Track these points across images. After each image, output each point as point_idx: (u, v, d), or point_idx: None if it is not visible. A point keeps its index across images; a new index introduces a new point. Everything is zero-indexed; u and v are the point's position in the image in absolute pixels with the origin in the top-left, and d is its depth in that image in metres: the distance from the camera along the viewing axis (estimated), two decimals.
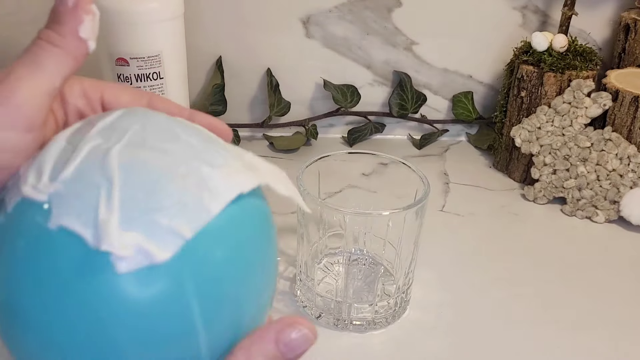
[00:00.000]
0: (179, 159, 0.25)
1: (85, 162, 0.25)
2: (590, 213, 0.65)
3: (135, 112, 0.27)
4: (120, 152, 0.25)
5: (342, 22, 0.73)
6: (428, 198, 0.47)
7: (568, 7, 0.68)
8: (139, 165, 0.24)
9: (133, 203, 0.23)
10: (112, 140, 0.25)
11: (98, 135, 0.25)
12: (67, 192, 0.24)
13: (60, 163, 0.25)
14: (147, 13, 0.54)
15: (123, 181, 0.24)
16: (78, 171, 0.24)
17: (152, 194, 0.24)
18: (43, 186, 0.24)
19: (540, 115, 0.66)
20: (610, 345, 0.50)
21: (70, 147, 0.25)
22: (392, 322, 0.51)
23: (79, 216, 0.23)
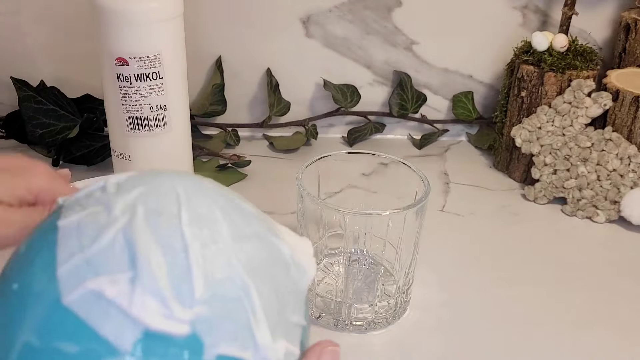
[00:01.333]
0: (266, 241, 0.24)
1: (213, 271, 0.21)
2: (590, 213, 0.65)
3: (190, 186, 0.24)
4: (235, 251, 0.22)
5: (342, 22, 0.73)
6: (428, 198, 0.47)
7: (568, 6, 0.68)
8: (255, 259, 0.23)
9: (269, 307, 0.22)
10: (212, 234, 0.22)
11: (189, 227, 0.22)
12: (212, 314, 0.21)
13: (177, 277, 0.21)
14: (147, 13, 0.54)
15: (255, 284, 0.22)
16: (211, 285, 0.21)
17: (276, 291, 0.23)
18: (179, 312, 0.20)
19: (540, 115, 0.66)
20: (611, 345, 0.50)
21: (170, 249, 0.21)
22: (392, 322, 0.51)
23: (236, 339, 0.21)
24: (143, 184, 0.24)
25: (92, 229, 0.22)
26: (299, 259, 0.25)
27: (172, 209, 0.23)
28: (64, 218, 0.23)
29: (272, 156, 0.73)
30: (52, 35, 0.70)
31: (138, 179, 0.25)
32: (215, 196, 0.24)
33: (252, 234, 0.24)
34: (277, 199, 0.64)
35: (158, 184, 0.24)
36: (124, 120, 0.57)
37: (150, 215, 0.22)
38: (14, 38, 0.70)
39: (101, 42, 0.55)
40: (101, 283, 0.20)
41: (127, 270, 0.21)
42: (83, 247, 0.21)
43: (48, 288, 0.21)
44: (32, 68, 0.71)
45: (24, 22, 0.69)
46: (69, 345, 0.20)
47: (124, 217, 0.22)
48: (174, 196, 0.23)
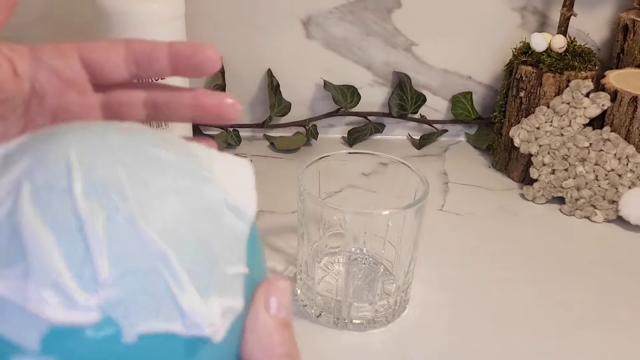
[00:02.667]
0: (188, 192, 0.21)
1: (120, 246, 0.19)
2: (589, 213, 0.65)
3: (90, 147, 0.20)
4: (145, 216, 0.19)
5: (342, 23, 0.73)
6: (427, 198, 0.48)
7: (567, 7, 0.68)
8: (171, 220, 0.20)
9: (196, 268, 0.20)
10: (115, 203, 0.19)
11: (84, 200, 0.19)
12: (124, 293, 0.19)
13: (76, 261, 0.18)
14: (148, 14, 0.54)
15: (174, 249, 0.19)
16: (118, 263, 0.19)
17: (204, 247, 0.20)
18: (83, 299, 0.18)
19: (539, 115, 0.66)
20: (610, 345, 0.50)
21: (63, 230, 0.19)
22: (391, 321, 0.51)
23: (158, 313, 0.19)
24: (31, 152, 0.20)
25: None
26: (235, 200, 0.22)
27: (62, 180, 0.19)
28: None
29: (272, 156, 0.74)
30: (54, 37, 0.70)
31: (27, 145, 0.21)
32: (120, 152, 0.21)
33: (168, 189, 0.20)
34: (278, 198, 0.65)
35: (47, 150, 0.20)
36: None
37: (38, 192, 0.19)
38: (15, 39, 0.70)
39: None
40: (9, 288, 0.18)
41: (17, 263, 0.18)
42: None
43: None
44: None
45: (25, 24, 0.69)
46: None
47: (8, 199, 0.19)
48: (64, 164, 0.20)
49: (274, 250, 0.58)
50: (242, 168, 0.24)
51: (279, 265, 0.56)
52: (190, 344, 0.20)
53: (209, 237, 0.21)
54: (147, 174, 0.20)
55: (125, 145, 0.21)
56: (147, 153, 0.21)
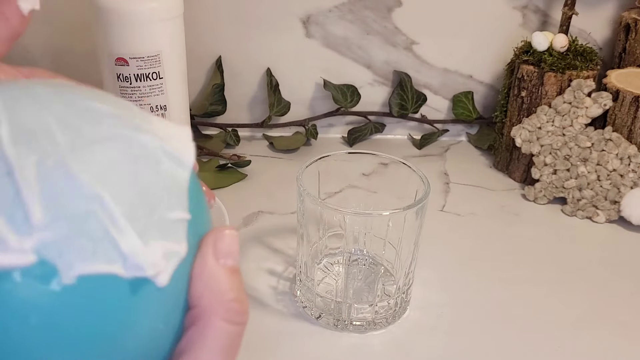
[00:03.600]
0: (123, 139, 0.21)
1: (52, 189, 0.19)
2: (590, 213, 0.65)
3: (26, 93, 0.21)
4: (78, 160, 0.19)
5: (342, 22, 0.73)
6: (428, 198, 0.47)
7: (568, 6, 0.68)
8: (106, 163, 0.20)
9: (134, 210, 0.20)
10: (45, 148, 0.19)
11: (13, 145, 0.19)
12: (59, 235, 0.19)
13: (6, 205, 0.18)
14: (147, 12, 0.54)
15: (110, 192, 0.20)
16: (51, 206, 0.19)
17: (142, 191, 0.20)
18: (16, 242, 0.18)
19: (540, 115, 0.66)
20: (611, 345, 0.50)
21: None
22: (392, 322, 0.51)
23: (95, 255, 0.19)
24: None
25: None
26: (172, 149, 0.22)
27: (28, 122, 0.19)
28: None
29: (272, 156, 0.73)
30: (52, 35, 0.70)
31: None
32: (51, 102, 0.20)
33: (102, 136, 0.20)
34: (277, 199, 0.64)
35: (46, 94, 0.21)
36: None
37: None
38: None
39: (101, 42, 0.55)
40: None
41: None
42: None
43: None
44: None
45: None
46: None
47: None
48: (39, 103, 0.20)
49: (273, 251, 0.57)
50: (179, 127, 0.24)
51: (279, 266, 0.56)
52: (133, 286, 0.20)
53: (146, 182, 0.21)
54: (79, 122, 0.20)
55: (55, 97, 0.21)
56: (79, 104, 0.21)
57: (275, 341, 0.48)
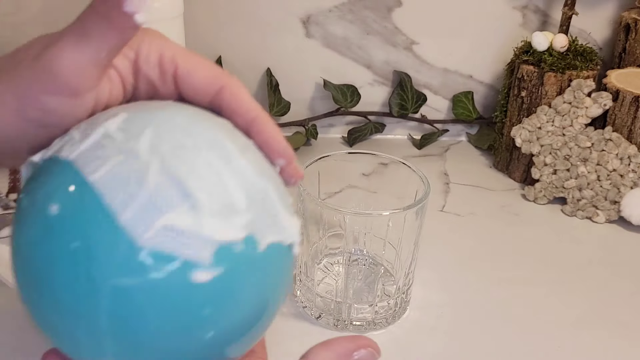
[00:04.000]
0: (256, 151, 0.29)
1: (242, 183, 0.26)
2: (590, 213, 0.65)
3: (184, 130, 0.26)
4: (247, 163, 0.27)
5: (342, 22, 0.73)
6: (428, 198, 0.47)
7: (568, 6, 0.68)
8: (261, 166, 0.28)
9: (280, 197, 0.28)
10: (226, 154, 0.26)
11: (210, 152, 0.26)
12: (254, 215, 0.26)
13: (223, 197, 0.25)
14: (147, 12, 0.54)
15: (270, 186, 0.27)
16: (246, 195, 0.26)
17: (278, 184, 0.28)
18: (236, 222, 0.25)
19: (540, 115, 0.66)
20: (611, 345, 0.50)
21: (207, 176, 0.25)
22: (392, 322, 0.51)
23: (273, 227, 0.27)
24: (147, 123, 0.26)
25: (132, 177, 0.24)
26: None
27: (187, 141, 0.26)
28: (90, 174, 0.24)
29: None
30: None
31: (138, 118, 0.26)
32: (207, 122, 0.28)
33: (247, 146, 0.28)
34: None
35: (161, 121, 0.26)
36: None
37: (175, 151, 0.25)
38: (12, 39, 0.69)
39: None
40: (169, 218, 0.24)
41: (184, 202, 0.24)
42: (133, 194, 0.24)
43: (116, 238, 0.23)
44: None
45: (23, 23, 0.69)
46: (158, 273, 0.24)
47: (154, 158, 0.25)
48: (180, 129, 0.26)
49: None
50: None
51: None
52: (288, 251, 0.28)
53: (277, 179, 0.29)
54: (231, 135, 0.28)
55: (202, 118, 0.28)
56: (218, 121, 0.29)
57: (275, 341, 0.48)
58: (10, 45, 0.35)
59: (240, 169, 0.26)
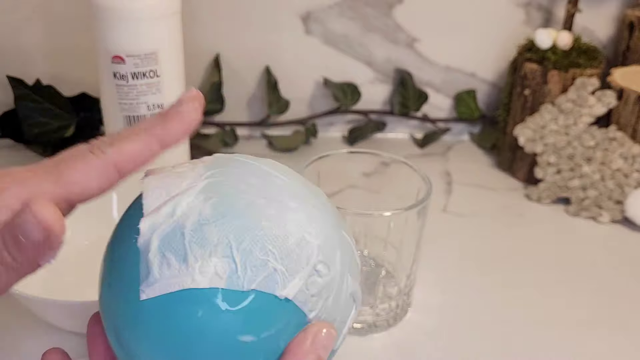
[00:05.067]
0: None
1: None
2: (594, 213, 0.64)
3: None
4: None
5: (342, 19, 0.73)
6: (430, 198, 0.47)
7: (572, 4, 0.67)
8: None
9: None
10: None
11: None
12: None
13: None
14: (144, 10, 0.54)
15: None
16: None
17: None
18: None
19: (544, 114, 0.66)
20: (615, 346, 0.49)
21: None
22: (393, 324, 0.50)
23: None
24: (336, 246, 0.29)
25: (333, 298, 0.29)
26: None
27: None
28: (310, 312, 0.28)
29: (271, 155, 0.73)
30: (48, 33, 0.70)
31: (329, 245, 0.29)
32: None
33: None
34: None
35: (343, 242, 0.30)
36: (120, 119, 0.56)
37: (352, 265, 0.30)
38: (9, 36, 0.70)
39: (97, 40, 0.55)
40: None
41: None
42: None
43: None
44: (28, 66, 0.70)
45: (20, 20, 0.69)
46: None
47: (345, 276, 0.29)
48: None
49: None
50: None
51: None
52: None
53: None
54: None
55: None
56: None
57: None
58: (6, 43, 0.34)
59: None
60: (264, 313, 0.27)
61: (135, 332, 0.27)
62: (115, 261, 0.29)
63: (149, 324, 0.27)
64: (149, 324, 0.27)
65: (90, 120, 0.68)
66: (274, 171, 0.31)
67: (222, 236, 0.26)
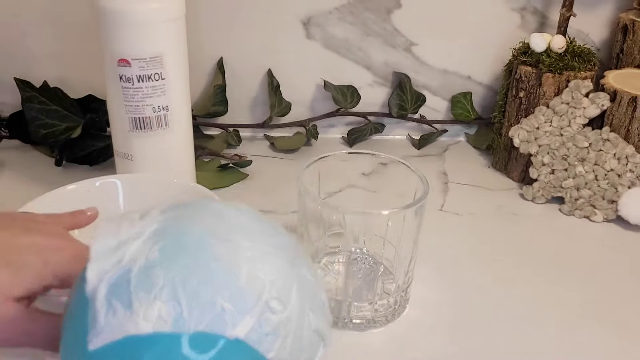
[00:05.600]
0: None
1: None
2: (588, 212, 0.65)
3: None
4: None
5: (342, 24, 0.73)
6: (427, 198, 0.47)
7: (566, 8, 0.68)
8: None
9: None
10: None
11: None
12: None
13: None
14: (150, 14, 0.54)
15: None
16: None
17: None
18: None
19: (538, 115, 0.66)
20: (610, 344, 0.50)
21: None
22: (391, 320, 0.51)
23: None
24: (292, 282, 0.29)
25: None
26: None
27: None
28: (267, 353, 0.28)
29: (273, 156, 0.74)
30: (55, 36, 0.70)
31: (285, 282, 0.29)
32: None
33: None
34: (278, 198, 0.65)
35: (300, 279, 0.31)
36: (126, 121, 0.57)
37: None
38: (17, 39, 0.70)
39: (103, 43, 0.55)
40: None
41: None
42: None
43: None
44: (35, 69, 0.71)
45: (27, 23, 0.69)
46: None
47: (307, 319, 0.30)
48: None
49: None
50: None
51: None
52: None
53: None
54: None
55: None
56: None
57: None
58: (14, 46, 0.35)
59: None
60: (215, 356, 0.25)
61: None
62: (70, 310, 0.28)
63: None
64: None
65: (96, 122, 0.68)
66: (229, 211, 0.30)
67: (167, 279, 0.25)
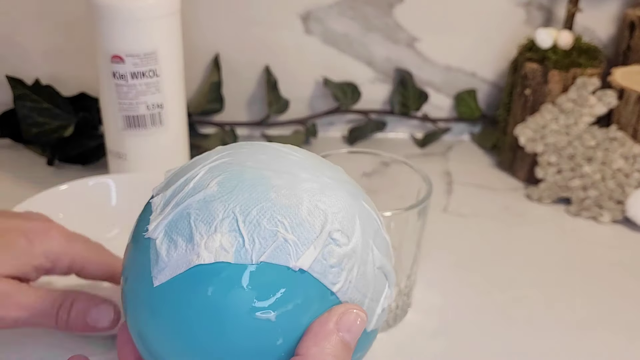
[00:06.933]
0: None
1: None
2: (595, 213, 0.64)
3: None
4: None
5: (342, 18, 0.72)
6: (430, 198, 0.47)
7: (572, 3, 0.67)
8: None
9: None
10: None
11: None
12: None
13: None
14: (143, 9, 0.54)
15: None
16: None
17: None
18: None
19: (544, 113, 0.65)
20: (616, 347, 0.49)
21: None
22: (393, 325, 0.50)
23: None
24: (355, 217, 0.30)
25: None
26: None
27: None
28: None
29: None
30: (48, 33, 0.70)
31: (348, 218, 0.29)
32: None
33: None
34: None
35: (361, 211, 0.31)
36: (119, 119, 0.56)
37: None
38: (8, 36, 0.70)
39: (97, 40, 0.55)
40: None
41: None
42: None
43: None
44: (27, 66, 0.70)
45: (19, 20, 0.69)
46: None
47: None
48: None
49: None
50: None
51: None
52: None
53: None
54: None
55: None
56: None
57: None
58: (5, 43, 0.34)
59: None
60: (278, 286, 0.25)
61: (153, 322, 0.26)
62: (130, 258, 0.28)
63: (164, 310, 0.26)
64: (164, 310, 0.26)
65: (89, 120, 0.67)
66: (286, 149, 0.30)
67: (228, 211, 0.26)
